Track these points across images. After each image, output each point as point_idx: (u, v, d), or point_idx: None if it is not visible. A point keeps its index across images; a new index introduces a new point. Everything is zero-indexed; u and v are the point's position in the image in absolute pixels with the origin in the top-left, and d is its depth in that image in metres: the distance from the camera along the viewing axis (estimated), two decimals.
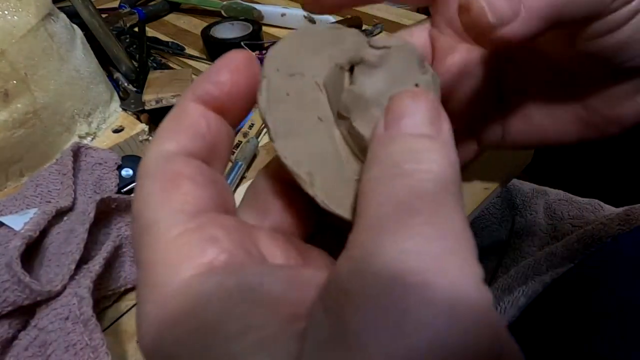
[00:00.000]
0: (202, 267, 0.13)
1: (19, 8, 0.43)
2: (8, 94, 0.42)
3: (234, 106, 0.17)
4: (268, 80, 0.16)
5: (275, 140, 0.15)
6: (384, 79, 0.17)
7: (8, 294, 0.29)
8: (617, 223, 0.37)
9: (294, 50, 0.17)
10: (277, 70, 0.16)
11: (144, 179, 0.15)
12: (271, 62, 0.16)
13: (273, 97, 0.16)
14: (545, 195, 0.45)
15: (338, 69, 0.17)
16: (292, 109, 0.16)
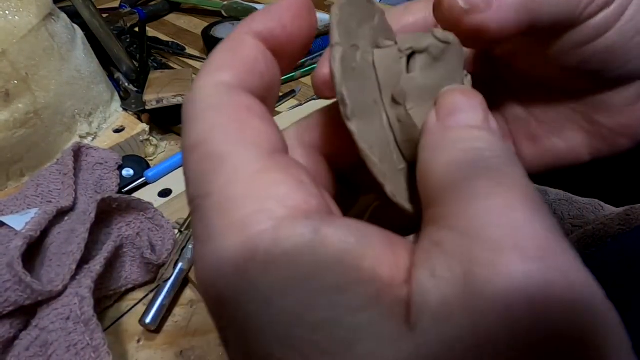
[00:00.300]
0: (293, 210, 0.12)
1: (20, 8, 0.43)
2: (9, 94, 0.42)
3: (289, 51, 0.16)
4: (341, 48, 0.15)
5: (351, 120, 0.15)
6: (440, 73, 0.17)
7: (9, 293, 0.29)
8: (618, 223, 0.37)
9: (348, 17, 0.16)
10: (344, 37, 0.15)
11: (206, 108, 0.14)
12: (337, 27, 0.15)
13: (345, 69, 0.15)
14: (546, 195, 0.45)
15: (395, 51, 0.17)
16: (357, 86, 0.15)
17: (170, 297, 0.36)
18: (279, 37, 0.16)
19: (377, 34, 0.17)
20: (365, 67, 0.16)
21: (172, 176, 0.48)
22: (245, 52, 0.15)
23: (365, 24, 0.17)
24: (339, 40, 0.15)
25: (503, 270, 0.11)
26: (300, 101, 0.59)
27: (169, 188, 0.47)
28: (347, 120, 0.15)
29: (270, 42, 0.15)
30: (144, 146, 0.52)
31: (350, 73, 0.15)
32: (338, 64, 0.15)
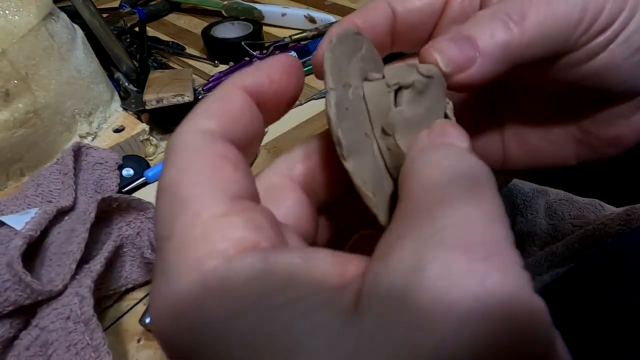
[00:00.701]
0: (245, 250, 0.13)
1: (20, 8, 0.43)
2: (9, 93, 0.42)
3: (275, 105, 0.17)
4: (336, 94, 0.16)
5: (347, 160, 0.16)
6: (425, 105, 0.18)
7: (9, 293, 0.29)
8: (618, 223, 0.37)
9: (340, 57, 0.17)
10: (337, 79, 0.16)
11: (184, 152, 0.14)
12: (332, 71, 0.16)
13: (339, 112, 0.16)
14: (546, 195, 0.45)
15: (383, 85, 0.18)
16: (351, 125, 0.16)
17: None
18: (267, 94, 0.16)
19: (365, 64, 0.18)
20: (357, 102, 0.17)
21: None
22: (232, 103, 0.16)
23: (354, 56, 0.18)
24: (333, 86, 0.16)
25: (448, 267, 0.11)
26: (301, 101, 0.59)
27: None
28: (344, 160, 0.16)
29: (257, 97, 0.16)
30: (144, 146, 0.52)
31: (344, 114, 0.16)
32: (333, 109, 0.16)
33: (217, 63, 0.67)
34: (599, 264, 0.34)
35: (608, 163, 0.26)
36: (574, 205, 0.43)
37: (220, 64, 0.67)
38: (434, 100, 0.19)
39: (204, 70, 0.66)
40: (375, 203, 0.16)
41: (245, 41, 0.64)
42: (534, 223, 0.44)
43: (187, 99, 0.50)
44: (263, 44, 0.66)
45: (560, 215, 0.43)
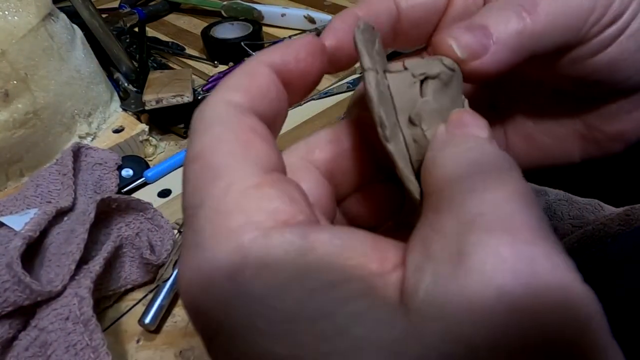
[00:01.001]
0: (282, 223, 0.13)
1: (19, 8, 0.43)
2: (8, 94, 0.42)
3: (299, 85, 0.17)
4: (374, 75, 0.16)
5: (390, 141, 0.16)
6: (449, 97, 0.18)
7: (8, 294, 0.29)
8: (618, 223, 0.37)
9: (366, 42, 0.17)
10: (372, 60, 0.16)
11: (214, 123, 0.15)
12: (367, 51, 0.16)
13: (379, 93, 0.16)
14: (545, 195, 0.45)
15: (409, 76, 0.18)
16: (386, 108, 0.16)
17: (170, 298, 0.36)
18: (293, 72, 0.17)
19: (381, 57, 0.18)
20: (384, 90, 0.17)
21: (172, 176, 0.48)
22: (259, 79, 0.16)
23: (373, 48, 0.18)
24: (371, 65, 0.16)
25: (493, 250, 0.11)
26: (300, 102, 0.59)
27: (169, 188, 0.47)
28: (387, 142, 0.16)
29: (283, 75, 0.17)
30: (143, 146, 0.52)
31: (381, 97, 0.16)
32: (374, 89, 0.16)
33: (217, 63, 0.67)
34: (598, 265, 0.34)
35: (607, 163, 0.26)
36: (573, 206, 0.43)
37: (219, 64, 0.67)
38: (454, 94, 0.19)
39: (203, 70, 0.66)
40: (416, 186, 0.16)
41: (244, 41, 0.64)
42: None
43: (187, 100, 0.50)
44: (263, 45, 0.66)
45: (559, 216, 0.43)
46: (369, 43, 0.17)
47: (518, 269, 0.11)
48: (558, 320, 0.11)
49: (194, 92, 0.52)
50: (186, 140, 0.54)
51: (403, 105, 0.18)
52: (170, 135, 0.55)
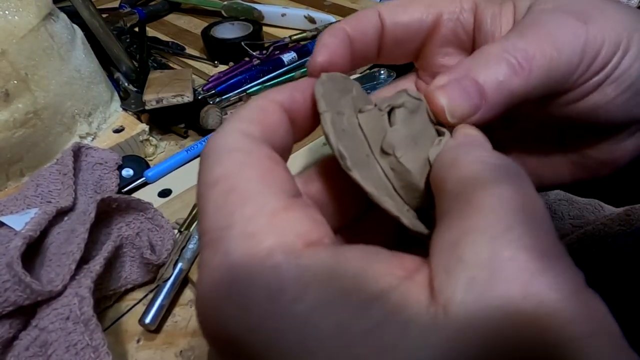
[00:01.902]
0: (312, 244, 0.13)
1: (19, 8, 0.43)
2: (9, 93, 0.42)
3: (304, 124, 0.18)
4: (330, 115, 0.17)
5: (352, 170, 0.16)
6: (418, 123, 0.19)
7: (9, 294, 0.29)
8: (618, 223, 0.37)
9: (330, 91, 0.18)
10: (329, 106, 0.17)
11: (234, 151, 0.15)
12: (323, 99, 0.17)
13: (337, 130, 0.17)
14: (545, 195, 0.45)
15: (377, 111, 0.19)
16: (350, 144, 0.17)
17: (170, 297, 0.36)
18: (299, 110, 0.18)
19: (357, 102, 0.19)
20: (353, 129, 0.18)
21: (172, 176, 0.48)
22: (270, 115, 0.17)
23: (346, 95, 0.19)
24: (325, 108, 0.17)
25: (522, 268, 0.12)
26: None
27: (169, 188, 0.47)
28: (349, 171, 0.16)
29: (291, 111, 0.18)
30: (143, 146, 0.52)
31: (342, 134, 0.17)
32: (330, 126, 0.17)
33: (217, 63, 0.67)
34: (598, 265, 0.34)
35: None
36: (573, 206, 0.43)
37: (220, 64, 0.67)
38: (424, 120, 0.19)
39: (203, 70, 0.66)
40: (393, 206, 0.17)
41: (245, 41, 0.64)
42: None
43: (187, 99, 0.50)
44: (263, 44, 0.66)
45: (559, 216, 0.43)
46: (332, 91, 0.18)
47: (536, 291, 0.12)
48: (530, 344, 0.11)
49: (194, 92, 0.52)
50: (187, 139, 0.54)
51: (375, 138, 0.18)
52: (170, 135, 0.55)
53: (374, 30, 0.23)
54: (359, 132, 0.18)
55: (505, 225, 0.13)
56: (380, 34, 0.23)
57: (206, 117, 0.52)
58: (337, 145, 0.16)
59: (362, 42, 0.23)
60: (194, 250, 0.39)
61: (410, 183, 0.18)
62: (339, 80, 0.19)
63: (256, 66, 0.62)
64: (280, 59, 0.63)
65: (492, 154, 0.16)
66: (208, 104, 0.53)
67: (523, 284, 0.12)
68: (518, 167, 0.15)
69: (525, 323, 0.11)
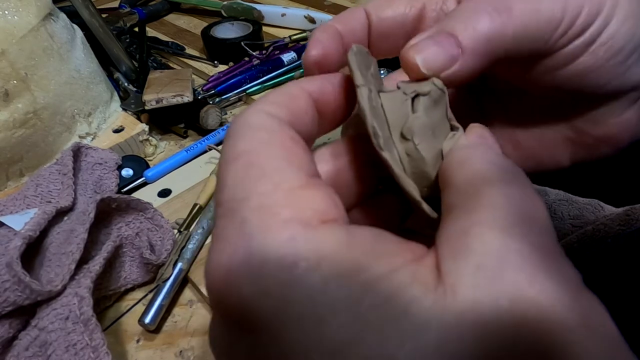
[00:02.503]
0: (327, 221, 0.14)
1: (19, 8, 0.43)
2: (8, 93, 0.42)
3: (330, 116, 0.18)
4: (366, 90, 0.17)
5: (384, 150, 0.17)
6: (438, 114, 0.19)
7: (8, 294, 0.29)
8: (618, 223, 0.37)
9: (360, 64, 0.18)
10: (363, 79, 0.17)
11: (258, 129, 0.15)
12: (359, 70, 0.17)
13: (371, 106, 0.17)
14: (545, 195, 0.45)
15: (401, 94, 0.19)
16: (379, 122, 0.17)
17: (170, 297, 0.36)
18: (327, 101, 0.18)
19: (375, 80, 0.19)
20: (378, 107, 0.18)
21: (172, 176, 0.48)
22: (298, 101, 0.17)
23: (368, 71, 0.19)
24: (363, 82, 0.17)
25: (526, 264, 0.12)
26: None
27: (169, 188, 0.47)
28: (381, 150, 0.17)
29: (318, 101, 0.18)
30: (143, 146, 0.52)
31: (373, 111, 0.17)
32: (367, 102, 0.17)
33: (217, 63, 0.67)
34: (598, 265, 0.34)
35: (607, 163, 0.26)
36: (573, 206, 0.43)
37: (219, 64, 0.67)
38: (442, 111, 0.19)
39: (203, 70, 0.66)
40: (415, 189, 0.17)
41: (244, 41, 0.64)
42: None
43: (187, 99, 0.50)
44: (263, 44, 0.66)
45: (559, 216, 0.43)
46: (362, 65, 0.18)
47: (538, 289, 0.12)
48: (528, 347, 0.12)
49: (194, 92, 0.52)
50: (186, 139, 0.54)
51: (395, 121, 0.18)
52: (170, 135, 0.55)
53: (362, 27, 0.24)
54: (382, 112, 0.18)
55: (512, 220, 0.13)
56: (368, 30, 0.24)
57: (206, 117, 0.52)
58: (372, 122, 0.16)
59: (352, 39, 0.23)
60: (193, 250, 0.39)
61: (423, 171, 0.18)
62: (364, 54, 0.19)
63: (256, 66, 0.62)
64: (280, 59, 0.63)
65: (500, 156, 0.17)
66: (208, 104, 0.53)
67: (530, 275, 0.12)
68: (521, 171, 0.16)
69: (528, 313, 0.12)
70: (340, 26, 0.23)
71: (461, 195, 0.15)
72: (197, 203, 0.43)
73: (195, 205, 0.43)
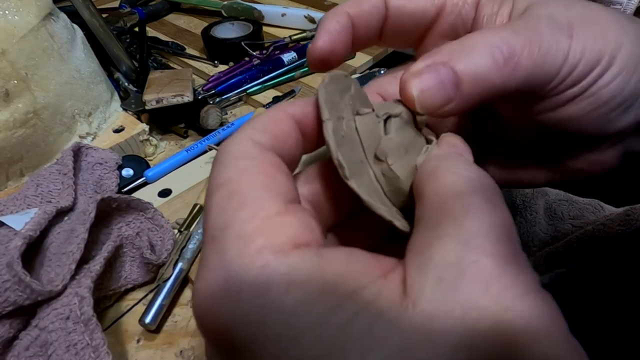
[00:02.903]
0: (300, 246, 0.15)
1: (19, 8, 0.43)
2: (9, 93, 0.42)
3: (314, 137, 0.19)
4: (332, 123, 0.18)
5: (349, 179, 0.17)
6: (410, 134, 0.20)
7: (9, 293, 0.29)
8: (618, 223, 0.37)
9: (332, 93, 0.19)
10: (331, 112, 0.18)
11: (241, 157, 0.16)
12: (325, 104, 0.18)
13: (337, 138, 0.18)
14: (546, 195, 0.45)
15: (374, 117, 0.20)
16: (348, 150, 0.18)
17: (170, 297, 0.36)
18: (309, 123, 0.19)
19: (355, 102, 0.20)
20: (351, 133, 0.19)
21: (172, 176, 0.48)
22: (281, 124, 0.18)
23: (345, 94, 0.20)
24: (328, 116, 0.18)
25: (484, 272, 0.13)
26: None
27: (169, 188, 0.47)
28: (347, 180, 0.17)
29: (301, 123, 0.18)
30: (143, 146, 0.52)
31: (341, 140, 0.18)
32: (332, 136, 0.17)
33: (217, 63, 0.67)
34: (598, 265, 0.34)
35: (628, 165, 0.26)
36: (573, 206, 0.43)
37: (220, 64, 0.67)
38: (414, 131, 0.20)
39: (203, 70, 0.66)
40: (387, 211, 0.18)
41: (245, 41, 0.64)
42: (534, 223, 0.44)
43: (187, 99, 0.50)
44: (263, 44, 0.66)
45: (559, 216, 0.43)
46: (335, 94, 0.19)
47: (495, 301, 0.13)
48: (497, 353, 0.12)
49: (194, 92, 0.52)
50: (187, 139, 0.54)
51: (370, 143, 0.19)
52: (170, 135, 0.55)
53: (378, 15, 0.23)
54: (356, 135, 0.19)
55: (472, 232, 0.14)
56: (384, 20, 0.23)
57: (206, 117, 0.52)
58: (337, 155, 0.17)
59: (365, 28, 0.23)
60: (193, 250, 0.39)
61: (399, 188, 0.19)
62: (340, 80, 0.20)
63: (256, 66, 0.62)
64: (280, 58, 0.63)
65: (469, 166, 0.17)
66: (208, 103, 0.53)
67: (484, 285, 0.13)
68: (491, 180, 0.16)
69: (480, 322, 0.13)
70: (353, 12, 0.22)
71: (429, 208, 0.16)
72: (198, 203, 0.43)
73: (196, 205, 0.43)
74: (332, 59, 0.22)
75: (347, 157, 0.17)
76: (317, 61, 0.22)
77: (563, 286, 0.36)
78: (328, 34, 0.22)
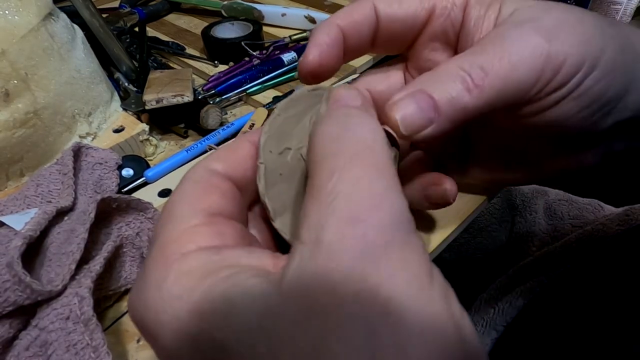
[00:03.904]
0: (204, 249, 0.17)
1: (19, 8, 0.43)
2: (9, 93, 0.42)
3: None
4: (265, 167, 0.19)
5: (275, 220, 0.19)
6: None
7: (9, 293, 0.29)
8: (617, 223, 0.37)
9: (282, 124, 0.20)
10: (270, 152, 0.19)
11: (187, 182, 0.19)
12: (265, 144, 0.19)
13: (270, 181, 0.19)
14: (545, 195, 0.45)
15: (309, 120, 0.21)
16: (285, 186, 0.19)
17: None
18: None
19: None
20: (295, 164, 0.20)
21: (172, 176, 0.48)
22: (239, 152, 0.20)
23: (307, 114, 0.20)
24: (262, 160, 0.19)
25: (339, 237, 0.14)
26: None
27: (169, 188, 0.47)
28: (272, 221, 0.19)
29: None
30: (143, 146, 0.52)
31: (276, 180, 0.19)
32: (262, 181, 0.19)
33: (217, 63, 0.67)
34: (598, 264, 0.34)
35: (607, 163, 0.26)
36: (573, 206, 0.43)
37: (220, 64, 0.67)
38: None
39: (203, 70, 0.66)
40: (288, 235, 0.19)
41: (245, 41, 0.64)
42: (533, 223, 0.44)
43: (187, 99, 0.50)
44: (263, 44, 0.66)
45: (559, 216, 0.43)
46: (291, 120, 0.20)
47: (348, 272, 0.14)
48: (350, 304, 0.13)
49: (194, 92, 0.53)
50: (187, 139, 0.54)
51: None
52: (170, 135, 0.55)
53: (369, 24, 0.24)
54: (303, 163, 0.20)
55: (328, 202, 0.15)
56: (375, 27, 0.24)
57: (206, 117, 0.52)
58: (265, 199, 0.19)
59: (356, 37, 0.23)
60: None
61: None
62: (303, 99, 0.20)
63: (256, 66, 0.62)
64: (280, 58, 0.63)
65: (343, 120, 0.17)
66: (208, 103, 0.53)
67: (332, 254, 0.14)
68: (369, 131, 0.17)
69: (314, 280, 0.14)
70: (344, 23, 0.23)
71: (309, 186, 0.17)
72: None
73: None
74: (322, 72, 0.23)
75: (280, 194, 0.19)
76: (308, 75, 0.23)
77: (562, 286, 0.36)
78: (318, 47, 0.22)
